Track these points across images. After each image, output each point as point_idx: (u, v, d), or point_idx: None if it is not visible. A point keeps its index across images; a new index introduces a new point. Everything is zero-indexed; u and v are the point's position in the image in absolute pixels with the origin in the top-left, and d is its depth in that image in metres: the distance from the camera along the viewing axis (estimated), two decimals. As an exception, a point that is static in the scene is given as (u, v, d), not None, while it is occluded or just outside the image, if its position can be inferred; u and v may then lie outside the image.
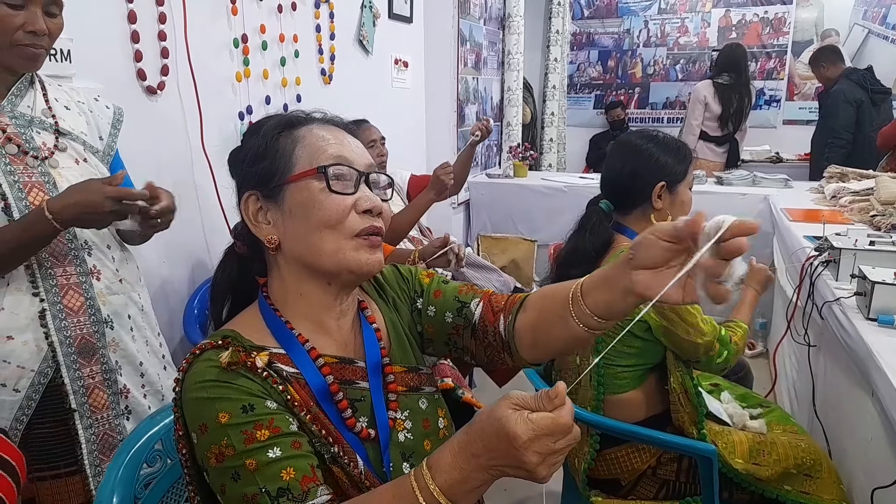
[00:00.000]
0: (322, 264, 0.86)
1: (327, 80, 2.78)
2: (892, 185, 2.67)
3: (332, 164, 0.85)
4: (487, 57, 4.47)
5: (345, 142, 0.90)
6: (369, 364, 0.92)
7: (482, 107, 4.46)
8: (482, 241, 3.86)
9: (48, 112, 1.36)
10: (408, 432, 0.92)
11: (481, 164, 4.61)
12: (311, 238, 0.85)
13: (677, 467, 1.54)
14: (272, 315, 0.89)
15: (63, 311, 1.32)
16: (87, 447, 1.36)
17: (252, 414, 0.76)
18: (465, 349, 0.99)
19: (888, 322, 1.48)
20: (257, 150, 0.89)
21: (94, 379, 1.37)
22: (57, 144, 1.35)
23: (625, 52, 6.35)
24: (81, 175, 1.36)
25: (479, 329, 0.96)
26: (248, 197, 0.89)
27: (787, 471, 1.50)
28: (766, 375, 2.98)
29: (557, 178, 4.29)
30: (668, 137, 1.53)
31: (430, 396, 0.97)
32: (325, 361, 0.87)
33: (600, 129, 6.29)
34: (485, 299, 0.97)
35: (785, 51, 5.82)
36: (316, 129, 0.90)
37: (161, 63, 1.95)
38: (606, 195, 1.59)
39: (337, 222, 0.84)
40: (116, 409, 1.42)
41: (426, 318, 1.00)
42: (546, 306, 0.89)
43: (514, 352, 0.93)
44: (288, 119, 0.92)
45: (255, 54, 2.34)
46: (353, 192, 0.86)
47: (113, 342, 1.41)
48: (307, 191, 0.85)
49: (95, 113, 1.48)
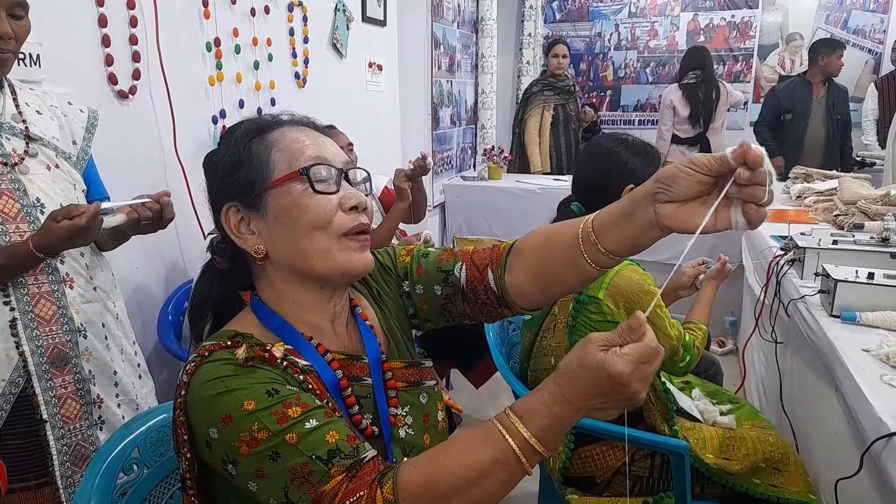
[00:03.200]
0: (313, 268, 0.85)
1: (301, 83, 2.78)
2: (854, 185, 2.75)
3: (313, 165, 0.85)
4: (461, 60, 4.50)
5: (319, 141, 0.89)
6: (371, 360, 0.92)
7: (456, 109, 4.49)
8: (458, 243, 3.88)
9: (18, 117, 1.34)
10: (408, 428, 0.92)
11: (456, 167, 4.63)
12: (301, 242, 0.84)
13: (650, 463, 1.57)
14: (271, 315, 0.88)
15: (34, 320, 1.30)
16: (58, 458, 1.34)
17: (278, 396, 0.76)
18: (462, 315, 0.99)
19: (851, 318, 1.53)
20: (231, 161, 0.88)
21: (66, 389, 1.35)
22: (27, 150, 1.33)
23: (596, 55, 6.43)
24: (53, 181, 1.35)
25: (469, 292, 0.95)
26: (227, 209, 0.88)
27: (756, 465, 1.55)
28: (735, 372, 3.05)
29: (531, 180, 4.33)
30: (637, 141, 1.56)
31: (430, 390, 0.97)
32: (333, 357, 0.88)
33: (573, 132, 6.36)
34: (466, 260, 0.96)
35: (751, 54, 5.94)
36: (288, 132, 0.89)
37: (133, 67, 1.93)
38: (577, 197, 1.62)
39: (325, 222, 0.83)
40: (89, 419, 1.40)
41: (417, 298, 1.00)
42: (551, 252, 0.87)
43: (510, 303, 0.93)
44: (258, 125, 0.90)
45: (228, 58, 2.33)
46: (336, 191, 0.85)
47: (86, 351, 1.39)
48: (290, 195, 0.84)
49: (69, 117, 1.46)
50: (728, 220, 0.69)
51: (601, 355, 0.66)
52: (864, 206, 2.48)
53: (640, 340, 0.66)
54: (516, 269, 0.92)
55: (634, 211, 0.75)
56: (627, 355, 0.65)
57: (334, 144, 0.92)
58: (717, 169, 0.69)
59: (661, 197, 0.72)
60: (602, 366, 0.65)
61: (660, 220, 0.72)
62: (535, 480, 1.88)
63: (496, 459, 0.69)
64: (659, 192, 0.72)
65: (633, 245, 0.78)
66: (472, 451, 0.70)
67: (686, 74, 4.70)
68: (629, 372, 0.65)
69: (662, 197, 0.72)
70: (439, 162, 4.27)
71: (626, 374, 0.65)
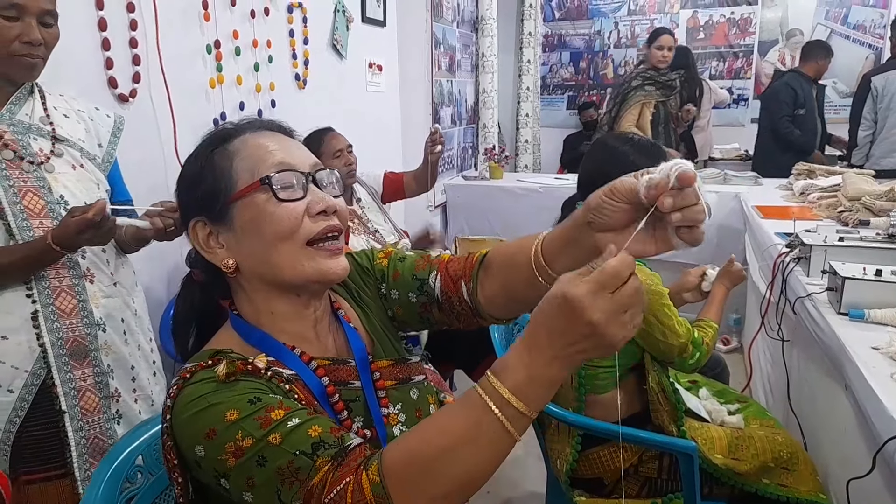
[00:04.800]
0: (285, 278, 0.83)
1: (301, 84, 2.76)
2: (858, 181, 2.73)
3: (276, 172, 0.82)
4: (461, 60, 4.49)
5: (284, 145, 0.86)
6: (357, 362, 0.91)
7: (457, 109, 4.48)
8: (460, 244, 3.86)
9: (46, 119, 1.40)
10: (402, 425, 0.91)
11: (457, 167, 4.62)
12: (269, 254, 0.82)
13: (658, 465, 1.56)
14: (250, 329, 0.87)
15: (55, 312, 1.34)
16: (76, 450, 1.37)
17: (261, 403, 0.74)
18: (439, 322, 0.98)
19: (859, 316, 1.51)
20: (193, 174, 0.86)
21: (85, 381, 1.39)
22: (53, 150, 1.39)
23: (596, 53, 6.42)
24: (78, 180, 1.40)
25: (444, 302, 0.94)
26: (194, 224, 0.86)
27: (765, 464, 1.54)
28: (741, 370, 3.03)
29: (533, 179, 4.32)
30: (642, 139, 1.55)
31: (420, 385, 0.96)
32: (318, 364, 0.86)
33: (574, 130, 6.34)
34: (441, 270, 0.95)
35: (751, 50, 5.93)
36: (250, 139, 0.86)
37: (133, 70, 1.93)
38: (582, 196, 1.61)
39: (291, 232, 0.81)
40: (108, 412, 1.43)
41: (393, 302, 0.99)
42: (511, 271, 0.87)
43: (484, 316, 0.93)
44: (218, 134, 0.88)
45: (229, 60, 2.32)
46: (302, 197, 0.82)
47: (105, 345, 1.43)
48: (254, 206, 0.82)
49: (96, 121, 1.52)
50: (669, 242, 0.68)
51: (562, 282, 0.62)
52: (869, 202, 2.46)
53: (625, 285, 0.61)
54: (486, 282, 0.91)
55: (579, 237, 0.75)
56: (587, 282, 0.60)
57: (301, 147, 0.89)
58: (633, 198, 0.68)
59: (595, 226, 0.71)
60: (561, 292, 0.61)
61: (601, 248, 0.68)
62: (541, 482, 1.87)
63: (478, 422, 0.64)
64: (592, 221, 0.71)
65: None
66: (453, 417, 0.67)
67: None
68: (584, 295, 0.59)
69: (596, 226, 0.71)
70: (441, 162, 4.25)
71: (580, 298, 0.59)
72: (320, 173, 0.87)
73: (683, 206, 0.65)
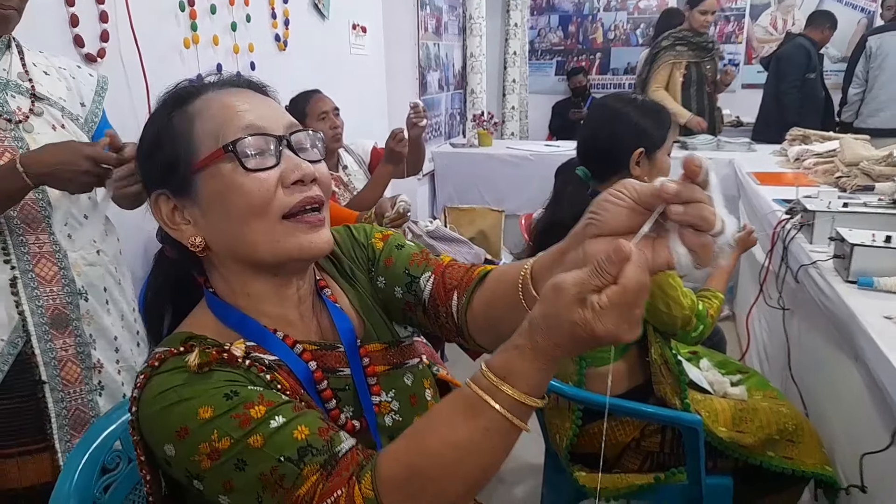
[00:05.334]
0: (259, 257, 0.74)
1: (282, 45, 2.64)
2: (855, 146, 2.68)
3: (242, 138, 0.71)
4: (448, 22, 4.34)
5: (253, 104, 0.75)
6: (346, 347, 0.83)
7: (444, 74, 4.35)
8: (449, 213, 3.79)
9: (25, 76, 1.32)
10: (395, 414, 0.84)
11: (445, 134, 4.51)
12: (239, 231, 0.72)
13: (661, 439, 1.51)
14: (227, 309, 0.78)
15: (35, 279, 1.28)
16: (57, 422, 1.32)
17: (238, 398, 0.66)
18: (422, 325, 0.90)
19: (868, 284, 1.46)
20: (151, 140, 0.76)
21: (66, 351, 1.33)
22: (32, 109, 1.30)
23: (585, 16, 6.28)
24: (58, 140, 1.30)
25: (429, 307, 0.85)
26: (157, 198, 0.77)
27: (769, 437, 1.50)
28: (733, 339, 3.01)
29: (523, 146, 4.23)
30: (647, 101, 1.47)
31: (414, 369, 0.89)
32: (304, 348, 0.78)
33: (562, 97, 6.22)
34: (437, 273, 0.86)
35: (743, 14, 5.83)
36: (214, 98, 0.75)
37: (100, 28, 1.80)
38: (583, 161, 1.53)
39: (263, 206, 0.71)
40: (90, 383, 1.38)
41: (377, 290, 0.91)
42: (498, 290, 0.78)
43: (467, 337, 0.83)
44: (177, 93, 0.77)
45: (204, 19, 2.18)
46: (274, 165, 0.72)
47: (87, 314, 1.37)
48: (219, 176, 0.72)
49: (78, 80, 1.45)
50: (668, 255, 0.56)
51: (579, 313, 0.54)
52: (867, 168, 2.41)
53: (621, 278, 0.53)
54: (477, 299, 0.81)
55: (567, 250, 0.65)
56: (610, 307, 0.53)
57: (274, 106, 0.79)
58: (647, 199, 0.57)
59: (591, 230, 0.60)
60: (584, 327, 0.54)
61: (587, 260, 0.57)
62: (539, 454, 1.82)
63: (486, 430, 0.59)
64: (589, 224, 0.60)
65: None
66: (456, 427, 0.61)
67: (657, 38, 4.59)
68: (615, 326, 0.53)
69: (592, 230, 0.60)
70: (427, 129, 4.13)
71: (613, 330, 0.53)
72: (297, 136, 0.76)
73: (688, 200, 0.54)
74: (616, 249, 0.53)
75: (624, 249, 0.53)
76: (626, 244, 0.53)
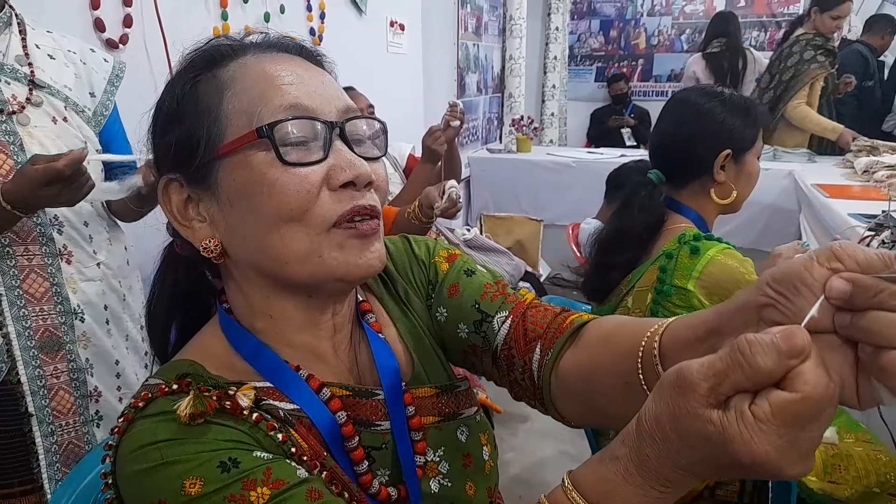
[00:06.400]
0: (291, 275, 0.58)
1: (317, 40, 2.51)
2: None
3: (283, 121, 0.56)
4: (488, 22, 4.19)
5: (302, 78, 0.60)
6: (387, 394, 0.65)
7: (483, 76, 4.19)
8: (485, 221, 3.61)
9: (24, 59, 1.18)
10: (443, 478, 0.67)
11: (482, 139, 4.34)
12: (269, 239, 0.57)
13: (740, 487, 1.31)
14: (242, 335, 0.62)
15: (22, 297, 1.15)
16: (46, 458, 1.19)
17: (237, 471, 0.50)
18: (487, 373, 0.72)
19: None
20: (169, 111, 0.60)
21: (58, 379, 1.21)
22: (30, 98, 1.16)
23: (627, 21, 6.06)
24: (58, 136, 1.19)
25: (502, 357, 0.68)
26: (167, 184, 0.61)
27: (868, 489, 1.30)
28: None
29: (564, 152, 4.05)
30: (734, 95, 1.27)
31: (470, 421, 0.71)
32: (332, 393, 0.61)
33: (602, 104, 6.02)
34: (516, 314, 0.68)
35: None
36: (253, 64, 0.60)
37: (123, 13, 1.69)
38: (657, 164, 1.33)
39: (302, 211, 0.56)
40: (85, 414, 1.25)
41: (436, 323, 0.73)
42: (604, 354, 0.59)
43: (548, 406, 0.65)
44: (208, 52, 0.61)
45: (235, 8, 2.08)
46: (322, 159, 0.57)
47: (83, 336, 1.24)
48: (248, 167, 0.56)
49: (89, 66, 1.29)
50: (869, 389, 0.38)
51: (716, 423, 0.37)
52: (954, 180, 2.18)
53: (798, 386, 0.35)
54: (568, 360, 0.63)
55: (721, 329, 0.47)
56: (774, 421, 0.35)
57: (329, 83, 0.62)
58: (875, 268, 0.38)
59: (773, 315, 0.41)
60: (722, 444, 0.37)
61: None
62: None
63: None
64: (770, 306, 0.42)
65: None
66: None
67: (710, 43, 4.39)
68: (777, 452, 0.36)
69: (774, 315, 0.41)
70: (464, 132, 3.97)
71: (773, 455, 0.36)
72: (354, 124, 0.60)
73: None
74: (786, 335, 0.35)
75: (798, 337, 0.35)
76: (803, 330, 0.36)
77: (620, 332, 0.58)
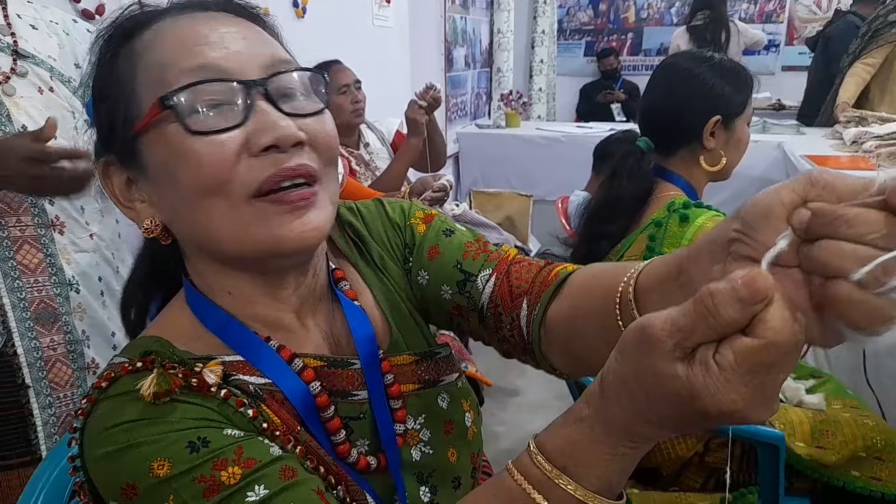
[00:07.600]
0: (230, 252, 0.56)
1: (300, 12, 2.46)
2: (926, 127, 2.45)
3: (186, 87, 0.52)
4: (476, -6, 4.13)
5: (221, 36, 0.55)
6: (363, 362, 0.63)
7: (471, 50, 4.14)
8: (475, 197, 3.59)
9: (6, 29, 1.17)
10: (425, 445, 0.66)
11: (470, 114, 4.30)
12: (195, 216, 0.54)
13: (729, 454, 1.32)
14: (207, 305, 0.59)
15: (16, 268, 1.15)
16: (44, 430, 1.19)
17: (207, 450, 0.49)
18: (474, 333, 0.70)
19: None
20: (94, 90, 0.59)
21: (55, 350, 1.20)
22: (14, 68, 1.15)
23: (616, -6, 6.01)
24: (46, 107, 1.18)
25: (489, 316, 0.66)
26: (105, 166, 0.59)
27: (854, 454, 1.30)
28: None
29: (554, 127, 4.03)
30: (724, 60, 1.25)
31: (451, 388, 0.70)
32: (304, 364, 0.59)
33: (591, 79, 5.97)
34: (500, 271, 0.66)
35: (785, -8, 5.53)
36: (167, 29, 0.56)
37: (99, -18, 1.62)
38: (646, 131, 1.32)
39: (221, 182, 0.52)
40: (83, 386, 1.24)
41: (417, 286, 0.71)
42: (585, 302, 0.58)
43: (539, 358, 0.64)
44: (122, 25, 0.57)
45: (215, -23, 2.00)
46: (239, 124, 0.52)
47: (79, 308, 1.24)
48: (164, 141, 0.53)
49: (72, 36, 1.28)
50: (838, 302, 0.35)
51: (682, 379, 0.35)
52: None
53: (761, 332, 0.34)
54: (554, 312, 0.61)
55: (690, 266, 0.45)
56: (739, 369, 0.34)
57: (254, 37, 0.57)
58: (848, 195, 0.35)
59: (741, 249, 0.39)
60: (690, 394, 0.35)
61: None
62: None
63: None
64: (738, 241, 0.40)
65: None
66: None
67: (695, 15, 4.37)
68: (743, 399, 0.35)
69: (742, 249, 0.39)
70: (452, 108, 3.93)
71: (740, 404, 0.35)
72: (281, 79, 0.55)
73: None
74: (747, 281, 0.34)
75: (760, 282, 0.33)
76: (765, 274, 0.34)
77: (601, 277, 0.57)
